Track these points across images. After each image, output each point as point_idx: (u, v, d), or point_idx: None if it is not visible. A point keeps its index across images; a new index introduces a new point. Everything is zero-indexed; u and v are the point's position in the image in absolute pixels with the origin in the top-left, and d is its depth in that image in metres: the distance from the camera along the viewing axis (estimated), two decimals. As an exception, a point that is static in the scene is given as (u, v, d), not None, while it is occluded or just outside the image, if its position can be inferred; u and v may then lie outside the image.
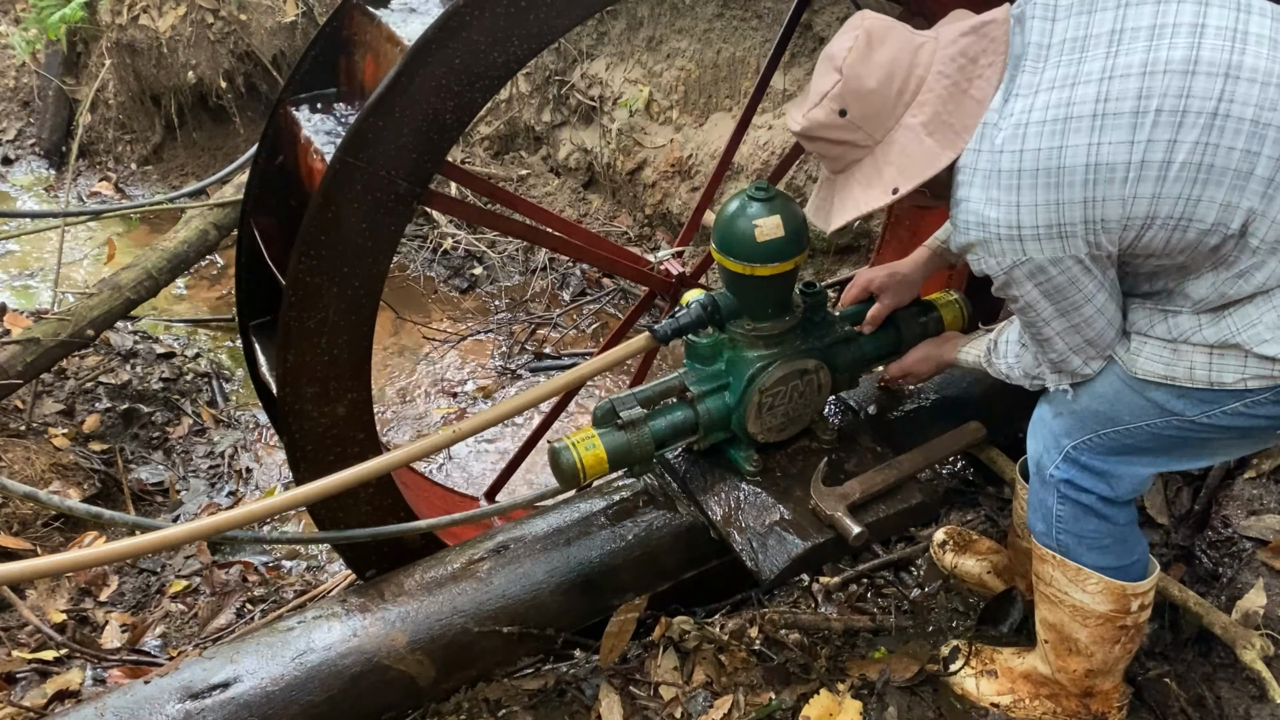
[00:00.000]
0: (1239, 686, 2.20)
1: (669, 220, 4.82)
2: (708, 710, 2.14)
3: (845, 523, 2.00)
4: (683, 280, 2.70)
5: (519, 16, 1.90)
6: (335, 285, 1.99)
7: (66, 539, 3.19)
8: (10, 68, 6.53)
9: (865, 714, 2.18)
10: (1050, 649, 2.07)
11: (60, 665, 2.66)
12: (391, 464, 1.99)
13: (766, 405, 2.12)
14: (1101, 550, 1.90)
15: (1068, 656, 2.04)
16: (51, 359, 3.51)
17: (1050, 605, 2.01)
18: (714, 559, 2.29)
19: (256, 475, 3.82)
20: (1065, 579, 1.95)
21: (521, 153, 5.61)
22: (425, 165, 1.97)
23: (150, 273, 3.81)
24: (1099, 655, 2.00)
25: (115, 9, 5.72)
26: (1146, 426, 1.76)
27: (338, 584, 3.01)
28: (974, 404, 2.62)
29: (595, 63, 5.10)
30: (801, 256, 2.06)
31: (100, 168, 6.27)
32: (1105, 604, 1.93)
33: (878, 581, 2.68)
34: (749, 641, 2.31)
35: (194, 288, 5.13)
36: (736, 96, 4.60)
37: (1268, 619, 2.20)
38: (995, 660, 2.20)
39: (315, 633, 1.99)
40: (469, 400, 4.23)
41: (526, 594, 2.10)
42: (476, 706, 2.11)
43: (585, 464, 1.98)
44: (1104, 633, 1.97)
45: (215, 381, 4.25)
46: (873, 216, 3.93)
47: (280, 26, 5.76)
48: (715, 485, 2.17)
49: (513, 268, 5.08)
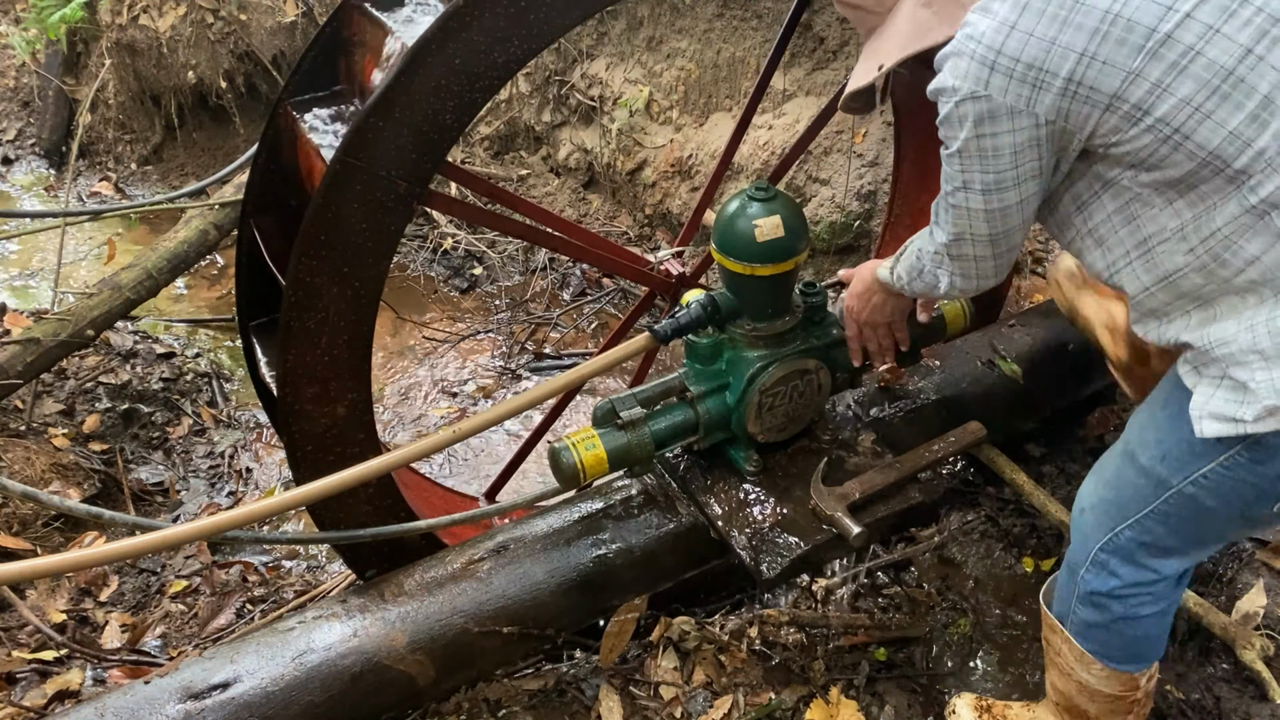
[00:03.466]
0: (1239, 687, 2.20)
1: (669, 220, 4.82)
2: (708, 710, 2.14)
3: (845, 523, 2.00)
4: (683, 280, 2.70)
5: (519, 16, 1.90)
6: (335, 285, 1.99)
7: (66, 539, 3.19)
8: (10, 68, 6.53)
9: (864, 713, 2.18)
10: (1061, 710, 2.02)
11: (60, 665, 2.66)
12: (391, 464, 1.99)
13: (766, 405, 2.12)
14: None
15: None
16: (51, 359, 3.51)
17: (1058, 674, 1.95)
18: (714, 559, 2.29)
19: (256, 475, 3.81)
20: (1073, 658, 1.88)
21: (521, 153, 5.61)
22: (425, 165, 1.97)
23: (150, 273, 3.81)
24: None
25: (115, 9, 5.71)
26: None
27: (338, 584, 3.01)
28: (974, 404, 2.62)
29: (595, 63, 5.09)
30: (801, 256, 2.06)
31: (100, 168, 6.27)
32: (1111, 687, 1.87)
33: (878, 581, 2.68)
34: (749, 641, 2.31)
35: (194, 288, 5.13)
36: (736, 96, 4.60)
37: (1268, 619, 2.20)
38: (1006, 716, 2.13)
39: (315, 633, 1.99)
40: (469, 400, 4.23)
41: (526, 594, 2.10)
42: (476, 706, 2.11)
43: (585, 464, 1.98)
44: (1114, 707, 1.91)
45: (215, 381, 4.25)
46: (873, 215, 3.94)
47: (280, 26, 5.76)
48: (715, 485, 2.17)
49: (513, 268, 5.08)
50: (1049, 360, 2.78)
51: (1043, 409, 2.82)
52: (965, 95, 1.42)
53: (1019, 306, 3.17)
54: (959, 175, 1.52)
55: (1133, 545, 1.68)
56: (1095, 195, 1.52)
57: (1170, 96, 1.31)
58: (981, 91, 1.40)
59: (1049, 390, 2.80)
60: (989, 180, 1.49)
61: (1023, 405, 2.77)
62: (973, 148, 1.46)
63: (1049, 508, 2.56)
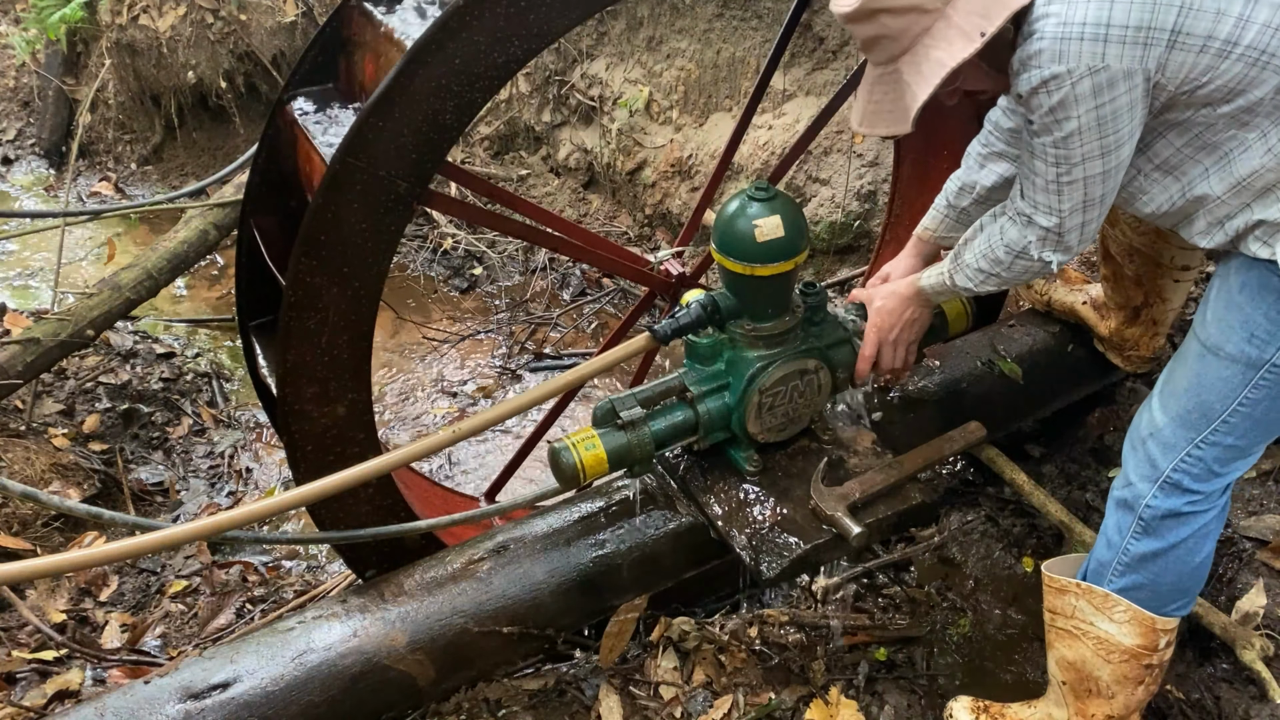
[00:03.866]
0: (1239, 687, 2.20)
1: (669, 220, 4.82)
2: (708, 710, 2.14)
3: (845, 523, 2.00)
4: (683, 280, 2.70)
5: (519, 16, 1.90)
6: (335, 285, 1.99)
7: (66, 539, 3.19)
8: (10, 68, 6.53)
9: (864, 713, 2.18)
10: (1068, 691, 2.00)
11: (60, 665, 2.66)
12: (391, 464, 1.99)
13: (766, 405, 2.12)
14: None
15: (1087, 699, 1.97)
16: (51, 359, 3.51)
17: (1070, 641, 1.94)
18: (714, 559, 2.29)
19: (256, 475, 3.81)
20: (1091, 608, 1.88)
21: (521, 153, 5.61)
22: (425, 165, 1.97)
23: (150, 273, 3.81)
24: (1121, 698, 1.93)
25: (115, 9, 5.71)
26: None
27: (338, 584, 3.01)
28: (974, 404, 2.62)
29: (595, 63, 5.10)
30: (801, 256, 2.06)
31: (100, 168, 6.27)
32: (1133, 637, 1.86)
33: (878, 581, 2.68)
34: (749, 641, 2.31)
35: (194, 288, 5.13)
36: (736, 96, 4.60)
37: (1268, 619, 2.20)
38: (1005, 715, 2.12)
39: (315, 633, 1.99)
40: (469, 400, 4.23)
41: (526, 594, 2.10)
42: (476, 706, 2.11)
43: (585, 464, 1.98)
44: (1128, 671, 1.90)
45: (215, 381, 4.25)
46: (873, 215, 3.94)
47: (280, 26, 5.76)
48: (715, 485, 2.17)
49: (513, 268, 5.08)
50: (1049, 360, 2.78)
51: (1043, 409, 2.82)
52: (1083, 73, 1.53)
53: (1019, 307, 3.17)
54: (1076, 151, 1.63)
55: (1215, 450, 1.76)
56: (1160, 135, 1.69)
57: (1253, 24, 1.50)
58: (1099, 64, 1.52)
59: (1049, 390, 2.80)
60: (1108, 142, 1.61)
61: (1023, 405, 2.77)
62: (1092, 119, 1.58)
63: (1049, 508, 2.56)
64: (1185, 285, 2.48)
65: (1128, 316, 2.57)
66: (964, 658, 2.47)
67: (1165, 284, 2.45)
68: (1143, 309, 2.52)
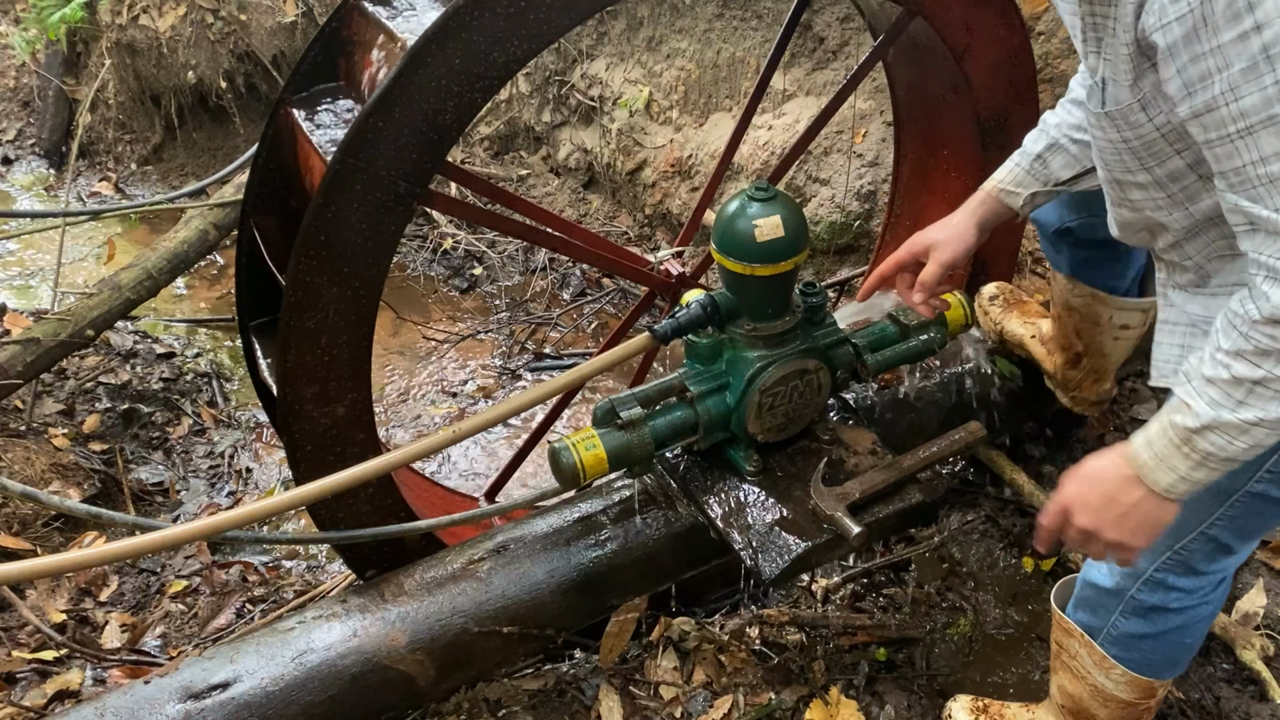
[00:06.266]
0: (1239, 687, 2.20)
1: (669, 220, 4.82)
2: (707, 710, 2.14)
3: (845, 523, 2.00)
4: (683, 280, 2.70)
5: (519, 17, 1.90)
6: (335, 285, 1.99)
7: (66, 539, 3.19)
8: (10, 68, 6.53)
9: (864, 713, 2.18)
10: (1067, 713, 1.99)
11: (60, 665, 2.66)
12: (391, 464, 1.99)
13: (766, 405, 2.12)
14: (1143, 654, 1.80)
15: None
16: (51, 359, 3.50)
17: (1071, 678, 1.92)
18: (714, 559, 2.29)
19: (256, 475, 3.81)
20: (1091, 661, 1.85)
21: (521, 153, 5.61)
22: (425, 165, 1.97)
23: (150, 273, 3.80)
24: None
25: (115, 9, 5.71)
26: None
27: (338, 584, 3.01)
28: (974, 404, 2.63)
29: (595, 63, 5.09)
30: (802, 256, 2.05)
31: (100, 168, 6.26)
32: (1130, 694, 1.84)
33: (878, 581, 2.68)
34: (749, 641, 2.31)
35: (194, 288, 5.12)
36: (736, 96, 4.60)
37: (1268, 619, 2.21)
38: (1004, 716, 2.12)
39: (315, 633, 1.99)
40: (469, 400, 4.23)
41: (526, 594, 2.11)
42: (476, 706, 2.12)
43: (585, 464, 1.98)
44: (1125, 714, 1.89)
45: (215, 381, 4.25)
46: (873, 215, 3.94)
47: (280, 26, 5.76)
48: (715, 485, 2.17)
49: (513, 268, 5.08)
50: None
51: (1043, 409, 2.82)
52: None
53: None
54: None
55: (1195, 557, 1.64)
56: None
57: None
58: None
59: (1048, 390, 2.79)
60: None
61: (1022, 405, 2.77)
62: None
63: (1049, 508, 2.55)
64: (1126, 342, 2.32)
65: (1070, 360, 2.43)
66: (964, 658, 2.47)
67: (1104, 341, 2.32)
68: (1083, 357, 2.40)
